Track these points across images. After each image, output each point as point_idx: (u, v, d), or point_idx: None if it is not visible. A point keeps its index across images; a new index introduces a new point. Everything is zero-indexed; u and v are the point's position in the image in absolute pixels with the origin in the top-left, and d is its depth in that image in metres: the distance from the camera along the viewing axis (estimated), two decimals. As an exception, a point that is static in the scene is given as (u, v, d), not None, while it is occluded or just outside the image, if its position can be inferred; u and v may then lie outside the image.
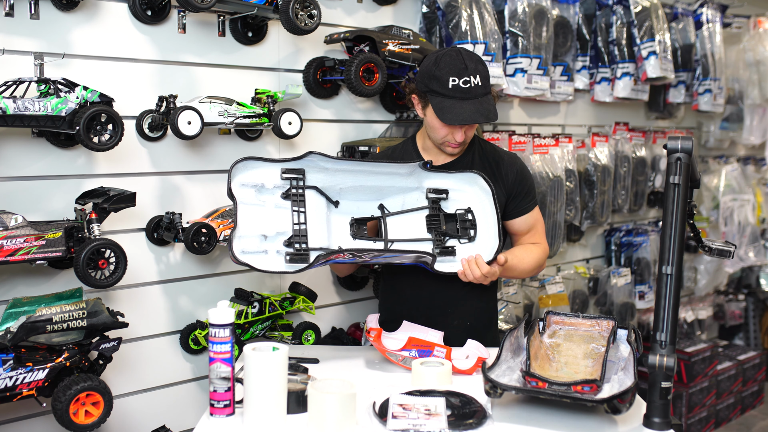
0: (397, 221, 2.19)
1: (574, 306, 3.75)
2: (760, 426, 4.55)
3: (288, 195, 2.04)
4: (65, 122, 1.96)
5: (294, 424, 1.66)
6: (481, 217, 2.21)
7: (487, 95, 2.17)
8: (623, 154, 3.96)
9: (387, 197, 2.20)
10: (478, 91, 2.14)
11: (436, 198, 2.20)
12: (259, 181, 2.02)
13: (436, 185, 2.21)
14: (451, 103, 2.13)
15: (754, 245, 4.87)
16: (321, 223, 2.09)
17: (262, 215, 2.01)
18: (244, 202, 1.99)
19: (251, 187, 2.01)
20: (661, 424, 1.62)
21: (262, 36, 2.58)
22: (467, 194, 2.22)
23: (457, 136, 2.20)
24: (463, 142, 2.23)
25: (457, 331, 2.26)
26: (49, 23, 2.13)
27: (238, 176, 1.99)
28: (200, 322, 2.49)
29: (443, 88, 2.13)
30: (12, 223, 1.88)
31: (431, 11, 3.06)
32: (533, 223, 2.39)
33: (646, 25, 3.72)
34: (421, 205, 2.20)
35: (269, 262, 1.99)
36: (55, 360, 1.91)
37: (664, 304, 1.64)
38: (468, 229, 2.20)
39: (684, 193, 1.68)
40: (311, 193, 2.09)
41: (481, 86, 2.15)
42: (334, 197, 2.14)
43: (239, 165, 1.98)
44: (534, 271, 2.37)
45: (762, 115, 4.88)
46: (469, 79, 2.12)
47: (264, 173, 2.03)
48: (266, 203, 2.03)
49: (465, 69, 2.13)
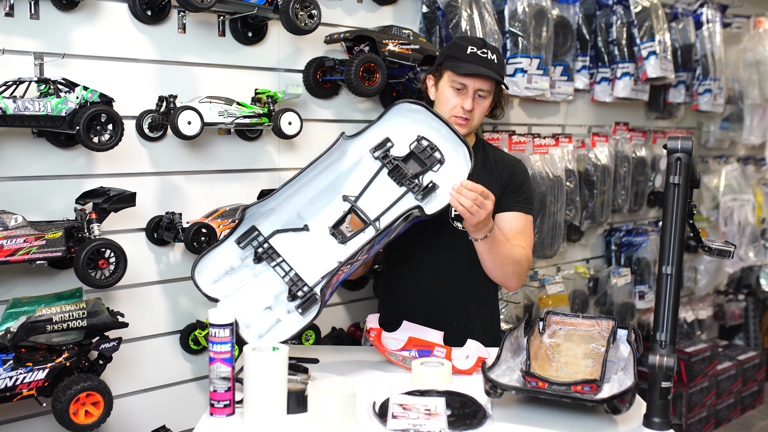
0: (368, 198, 2.11)
1: (574, 306, 3.75)
2: (760, 426, 4.55)
3: (259, 258, 2.01)
4: (65, 122, 1.96)
5: (294, 424, 1.66)
6: (437, 137, 2.11)
7: (501, 76, 2.28)
8: (623, 154, 3.96)
9: (343, 186, 2.12)
10: (493, 65, 2.25)
11: (384, 153, 2.12)
12: (225, 265, 2.00)
13: (374, 141, 2.12)
14: (467, 64, 2.23)
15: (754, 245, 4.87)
16: (307, 256, 2.05)
17: (251, 294, 1.99)
18: (227, 295, 1.97)
19: (224, 276, 2.00)
20: (661, 424, 1.62)
21: (262, 36, 2.58)
22: (407, 128, 2.13)
23: (466, 104, 2.23)
24: (471, 117, 2.25)
25: (457, 331, 2.26)
26: (49, 23, 2.13)
27: (204, 275, 1.97)
28: (200, 322, 2.49)
29: (461, 53, 2.25)
30: (12, 223, 1.88)
31: (431, 11, 3.06)
32: (522, 226, 2.32)
33: (646, 25, 3.72)
34: (376, 168, 2.12)
35: (289, 327, 1.95)
36: (55, 360, 1.91)
37: (664, 304, 1.64)
38: (432, 155, 2.10)
39: (684, 193, 1.68)
40: (278, 238, 2.04)
41: (497, 64, 2.27)
42: (299, 224, 2.08)
43: (198, 266, 1.96)
44: (510, 265, 2.23)
45: (762, 115, 4.88)
46: (486, 52, 2.26)
47: (223, 256, 2.01)
48: (246, 280, 2.01)
49: (484, 45, 2.28)
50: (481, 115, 2.29)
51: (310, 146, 2.75)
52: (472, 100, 2.23)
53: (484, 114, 2.32)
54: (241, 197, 2.57)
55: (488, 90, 2.26)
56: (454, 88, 2.25)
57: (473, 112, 2.25)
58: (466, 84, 2.23)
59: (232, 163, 2.56)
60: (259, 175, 2.63)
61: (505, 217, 2.31)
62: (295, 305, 1.97)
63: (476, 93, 2.25)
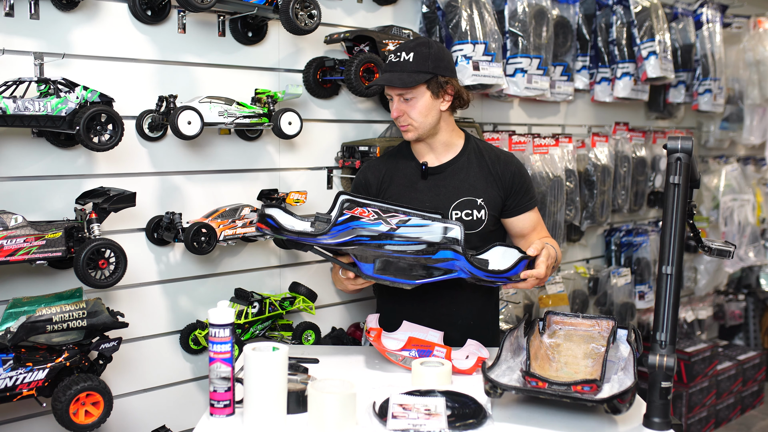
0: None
1: (574, 306, 3.75)
2: (760, 426, 4.55)
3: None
4: (65, 122, 1.96)
5: (294, 424, 1.66)
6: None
7: (418, 72, 2.20)
8: (623, 154, 3.96)
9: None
10: (405, 66, 2.21)
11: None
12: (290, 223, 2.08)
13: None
14: (381, 75, 2.25)
15: (754, 245, 4.87)
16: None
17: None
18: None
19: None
20: (661, 424, 1.62)
21: (262, 36, 2.58)
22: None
23: (393, 112, 2.26)
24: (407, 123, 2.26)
25: (457, 331, 2.26)
26: (49, 23, 2.13)
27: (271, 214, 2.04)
28: (200, 322, 2.49)
29: (385, 64, 2.27)
30: (12, 223, 1.88)
31: (431, 11, 3.06)
32: (536, 221, 2.39)
33: (646, 25, 3.72)
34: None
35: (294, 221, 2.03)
36: (55, 360, 1.91)
37: (664, 304, 1.64)
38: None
39: (684, 193, 1.68)
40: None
41: (412, 62, 2.21)
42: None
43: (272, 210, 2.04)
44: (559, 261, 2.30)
45: (762, 115, 4.88)
46: (400, 54, 2.23)
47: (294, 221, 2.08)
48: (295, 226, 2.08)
49: (404, 47, 2.25)
50: (421, 114, 2.24)
51: (310, 146, 2.75)
52: (397, 108, 2.25)
53: (429, 111, 2.24)
54: (241, 197, 2.57)
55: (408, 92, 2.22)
56: (389, 100, 2.31)
57: (407, 115, 2.25)
58: (389, 92, 2.28)
59: (232, 163, 2.56)
60: (259, 175, 2.63)
61: (519, 219, 2.36)
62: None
63: (400, 97, 2.25)
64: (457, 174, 2.31)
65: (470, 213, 2.27)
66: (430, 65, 2.21)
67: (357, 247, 1.95)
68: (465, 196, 2.28)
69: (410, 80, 2.20)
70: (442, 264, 1.99)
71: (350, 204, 1.92)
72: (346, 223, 1.91)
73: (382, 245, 1.95)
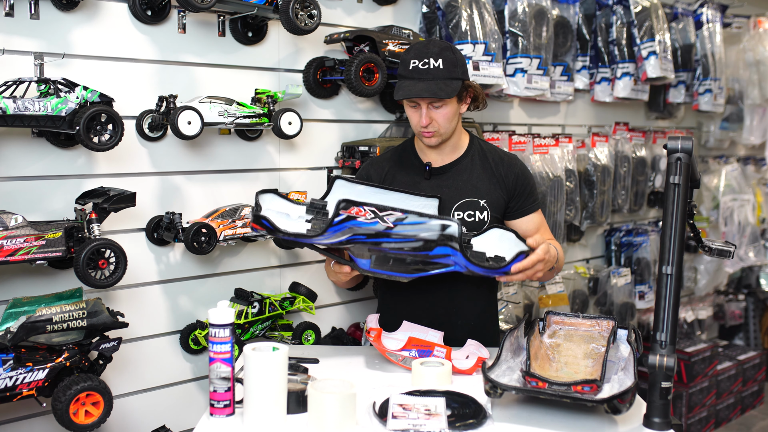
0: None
1: (574, 306, 3.75)
2: (760, 426, 4.55)
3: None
4: (65, 122, 1.96)
5: (294, 424, 1.66)
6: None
7: (451, 80, 2.15)
8: (623, 154, 3.96)
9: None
10: (437, 73, 2.13)
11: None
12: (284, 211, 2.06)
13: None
14: (408, 83, 2.15)
15: (754, 245, 4.87)
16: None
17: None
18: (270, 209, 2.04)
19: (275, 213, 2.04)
20: (661, 424, 1.62)
21: (262, 36, 2.58)
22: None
23: (422, 120, 2.17)
24: (433, 130, 2.19)
25: (457, 331, 2.26)
26: (49, 23, 2.13)
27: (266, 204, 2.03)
28: (200, 322, 2.49)
29: (405, 70, 2.16)
30: (12, 223, 1.88)
31: (431, 11, 3.06)
32: (540, 223, 2.38)
33: (646, 25, 3.72)
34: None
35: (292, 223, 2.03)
36: (55, 360, 1.91)
37: (664, 304, 1.64)
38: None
39: (684, 193, 1.68)
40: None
41: (443, 69, 2.14)
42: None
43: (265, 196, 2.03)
44: (561, 262, 2.30)
45: (762, 115, 4.88)
46: (428, 61, 2.14)
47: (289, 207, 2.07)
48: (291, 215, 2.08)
49: (427, 53, 2.15)
50: (447, 120, 2.20)
51: (310, 146, 2.75)
52: (426, 116, 2.17)
53: (454, 116, 2.22)
54: (241, 197, 2.57)
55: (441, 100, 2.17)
56: (410, 106, 2.22)
57: (435, 122, 2.19)
58: (416, 100, 2.19)
59: (232, 163, 2.56)
60: (259, 175, 2.63)
61: (523, 221, 2.34)
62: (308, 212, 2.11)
63: (429, 105, 2.17)
64: (461, 175, 2.30)
65: (473, 214, 2.27)
66: (459, 71, 2.17)
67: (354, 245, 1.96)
68: (468, 197, 2.28)
69: (450, 89, 2.14)
70: (439, 260, 2.00)
71: (346, 204, 1.91)
72: (342, 223, 1.91)
73: (379, 243, 1.95)
